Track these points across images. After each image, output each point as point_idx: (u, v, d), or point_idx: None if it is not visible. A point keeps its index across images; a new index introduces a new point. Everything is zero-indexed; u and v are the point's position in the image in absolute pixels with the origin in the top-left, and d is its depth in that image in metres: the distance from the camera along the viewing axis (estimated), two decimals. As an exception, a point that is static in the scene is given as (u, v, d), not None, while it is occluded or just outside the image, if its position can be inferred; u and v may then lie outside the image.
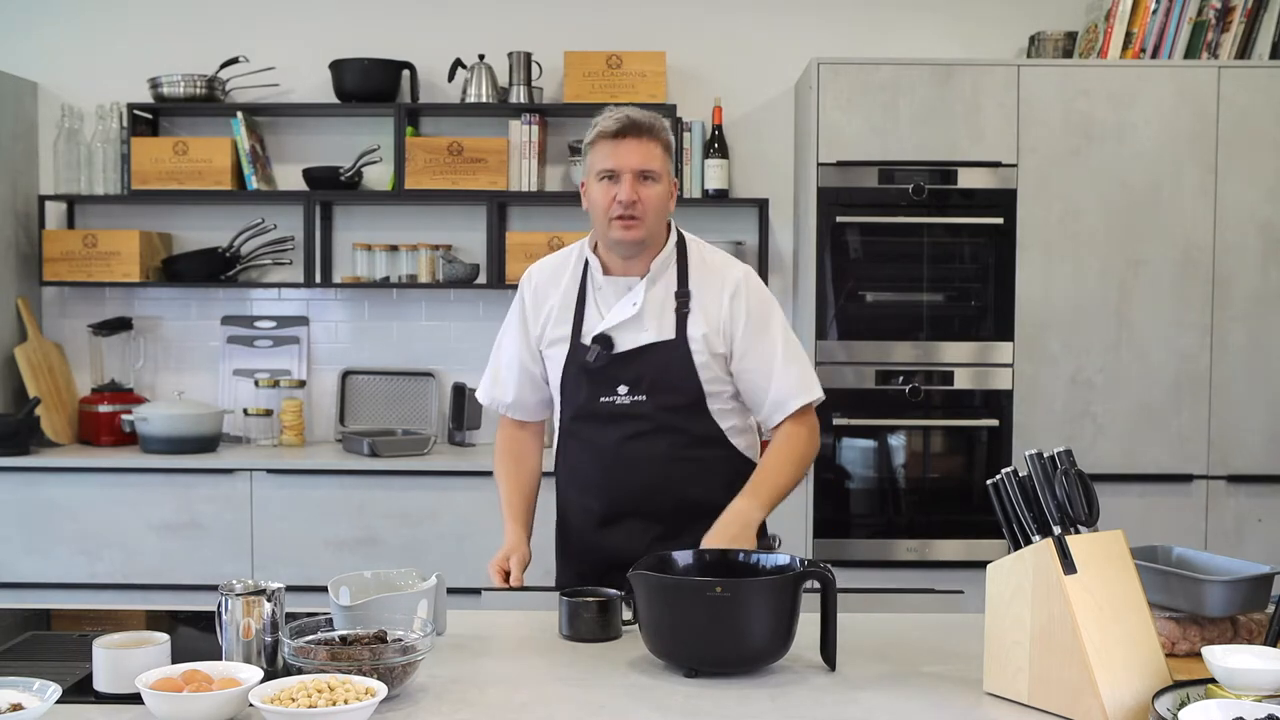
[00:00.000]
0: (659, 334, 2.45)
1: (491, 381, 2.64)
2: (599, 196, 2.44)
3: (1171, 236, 3.99)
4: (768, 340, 2.49)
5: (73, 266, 4.36)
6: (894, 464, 4.07)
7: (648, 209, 2.41)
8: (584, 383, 2.48)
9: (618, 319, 2.46)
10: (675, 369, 2.43)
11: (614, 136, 2.41)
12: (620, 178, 2.40)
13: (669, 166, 2.48)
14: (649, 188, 2.42)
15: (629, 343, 2.45)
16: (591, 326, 2.49)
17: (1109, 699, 1.60)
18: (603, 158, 2.43)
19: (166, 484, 4.05)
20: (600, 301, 2.50)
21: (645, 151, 2.41)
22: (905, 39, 4.50)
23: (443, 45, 4.49)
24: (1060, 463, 1.75)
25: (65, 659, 1.88)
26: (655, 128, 2.44)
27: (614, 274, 2.51)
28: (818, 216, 4.00)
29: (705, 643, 1.81)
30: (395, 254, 4.46)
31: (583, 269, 2.54)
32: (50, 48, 4.57)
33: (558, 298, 2.53)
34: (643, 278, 2.48)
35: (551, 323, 2.53)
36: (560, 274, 2.57)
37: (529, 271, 2.63)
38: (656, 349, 2.45)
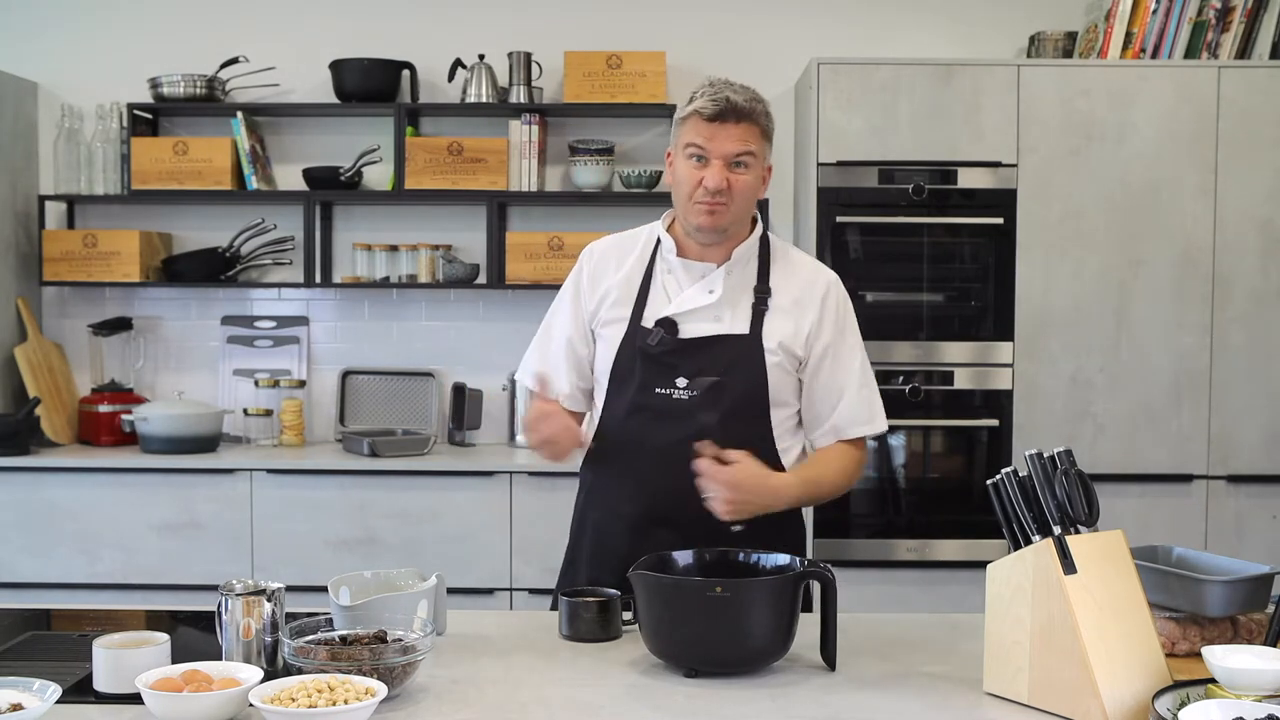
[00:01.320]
0: (732, 327, 2.28)
1: (539, 364, 2.41)
2: (685, 175, 2.26)
3: (1171, 236, 3.99)
4: (847, 355, 2.35)
5: (73, 266, 4.36)
6: (894, 464, 4.07)
7: (735, 196, 2.25)
8: (639, 370, 2.27)
9: (690, 304, 2.28)
10: (743, 366, 2.25)
11: (710, 119, 2.23)
12: (710, 162, 2.23)
13: (766, 151, 2.30)
14: (739, 175, 2.25)
15: (696, 331, 2.27)
16: (657, 309, 2.30)
17: (1109, 699, 1.60)
18: (693, 135, 2.24)
19: (166, 484, 4.05)
20: (669, 285, 2.33)
21: (741, 137, 2.24)
22: (905, 39, 4.50)
23: (443, 45, 4.49)
24: (1060, 463, 1.75)
25: (65, 659, 1.88)
26: (755, 112, 2.27)
27: (689, 257, 2.33)
28: (818, 216, 4.00)
29: (705, 643, 1.81)
30: (395, 254, 4.46)
31: (653, 248, 2.37)
32: (50, 48, 4.57)
33: (621, 275, 2.35)
34: (720, 265, 2.31)
35: (610, 301, 2.34)
36: (627, 251, 2.39)
37: (590, 246, 2.45)
38: (726, 341, 2.27)
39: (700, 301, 2.28)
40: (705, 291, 2.29)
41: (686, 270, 2.32)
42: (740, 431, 2.22)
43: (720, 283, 2.29)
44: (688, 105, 2.27)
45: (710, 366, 2.24)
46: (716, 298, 2.29)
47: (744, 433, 2.23)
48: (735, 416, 2.24)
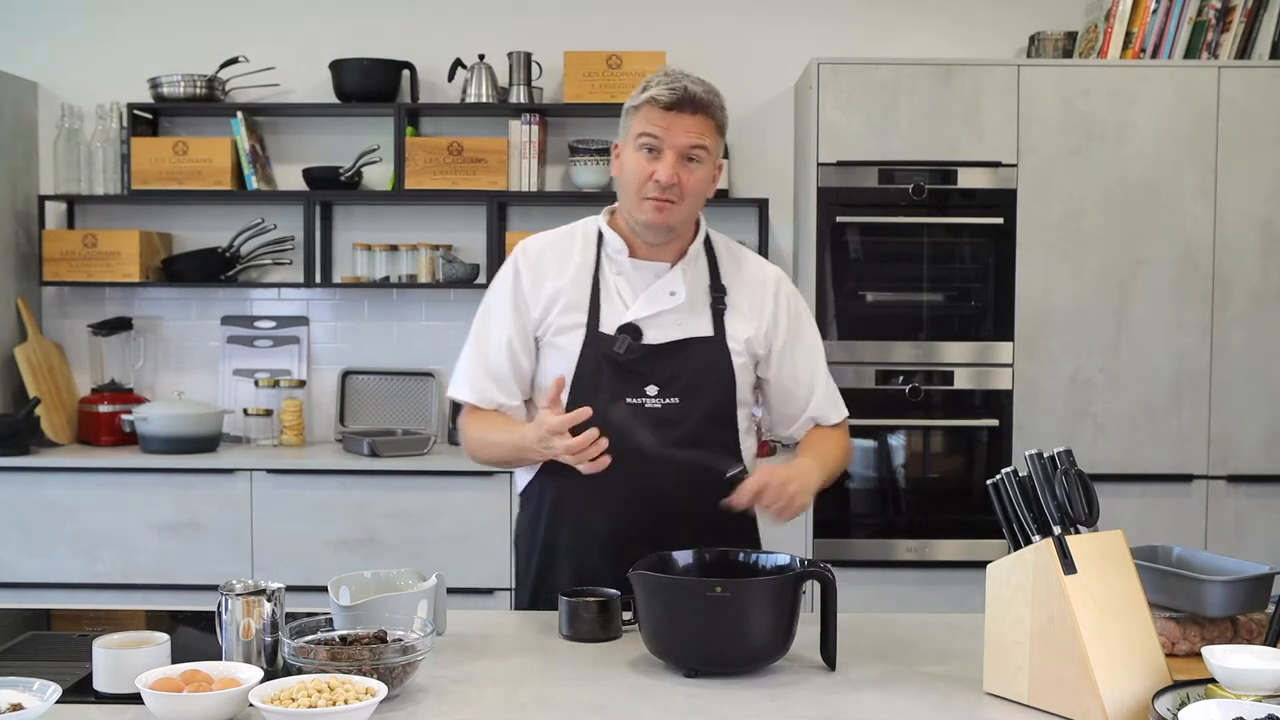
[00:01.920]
0: (695, 329, 2.21)
1: (487, 379, 2.25)
2: (634, 167, 2.16)
3: (1171, 236, 3.99)
4: (812, 347, 2.32)
5: (73, 266, 4.36)
6: (894, 464, 4.07)
7: (686, 193, 2.15)
8: (606, 380, 2.16)
9: (654, 307, 2.19)
10: (714, 369, 2.19)
11: (666, 108, 2.12)
12: (663, 154, 2.13)
13: (718, 147, 2.20)
14: (692, 170, 2.15)
15: (661, 336, 2.18)
16: (615, 314, 2.20)
17: (1109, 699, 1.60)
18: (647, 124, 2.14)
19: (166, 484, 4.04)
20: (622, 287, 2.22)
21: (697, 129, 2.14)
22: (905, 39, 4.50)
23: (443, 45, 4.49)
24: (1060, 463, 1.75)
25: (65, 659, 1.88)
26: (713, 105, 2.16)
27: (639, 257, 2.23)
28: (818, 216, 4.00)
29: (705, 643, 1.81)
30: (395, 254, 4.46)
31: (595, 247, 2.26)
32: (50, 48, 4.57)
33: (566, 278, 2.23)
34: (673, 265, 2.23)
35: (560, 306, 2.21)
36: (566, 252, 2.27)
37: (523, 246, 2.31)
38: (692, 345, 2.20)
39: (664, 305, 2.20)
40: (666, 293, 2.21)
41: (639, 271, 2.23)
42: (712, 435, 2.19)
43: (680, 283, 2.22)
44: (642, 93, 2.17)
45: (681, 371, 2.18)
46: (679, 300, 2.21)
47: (715, 436, 2.20)
48: (707, 421, 2.20)
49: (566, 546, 2.24)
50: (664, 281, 2.22)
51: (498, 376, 2.25)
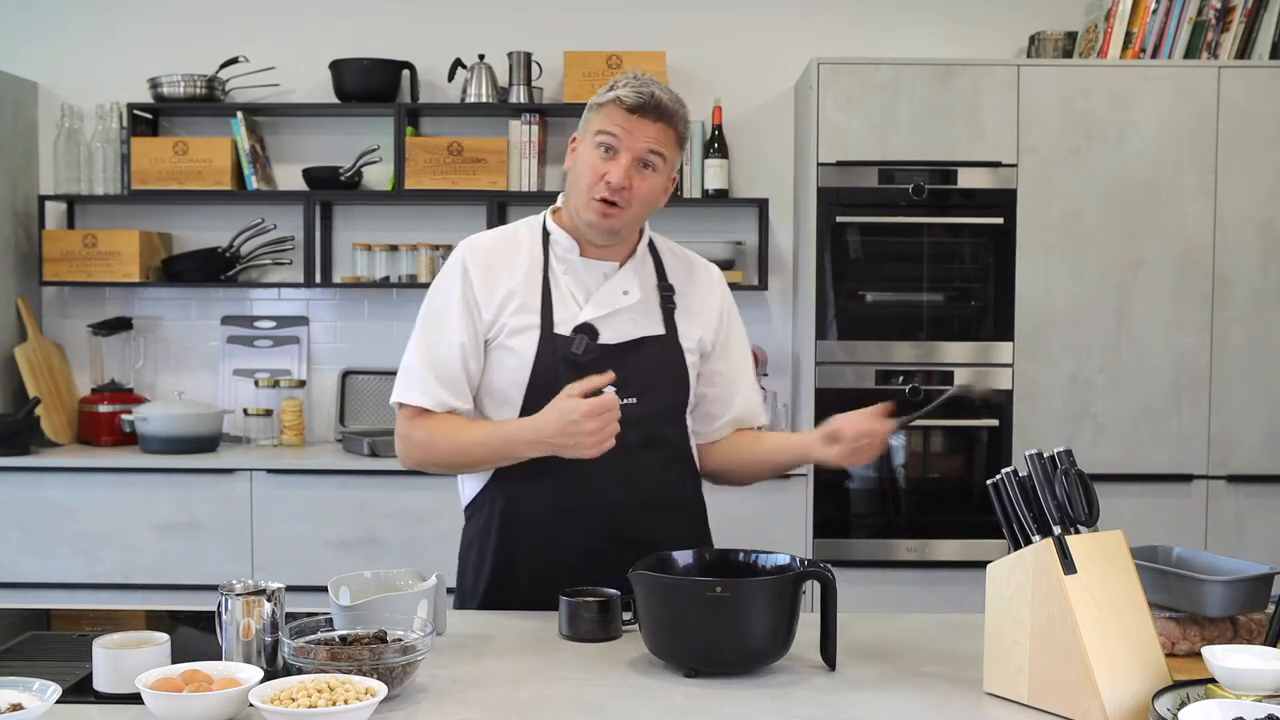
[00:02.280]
0: (648, 328, 2.20)
1: (438, 383, 2.18)
2: (588, 165, 2.12)
3: (1171, 236, 3.99)
4: (740, 347, 2.33)
5: (73, 266, 4.36)
6: (894, 464, 4.07)
7: (635, 200, 2.12)
8: (564, 381, 2.07)
9: (609, 306, 2.17)
10: (669, 368, 2.19)
11: (629, 110, 2.09)
12: (619, 155, 2.10)
13: (676, 159, 2.17)
14: (645, 177, 2.12)
15: (617, 335, 2.16)
16: (568, 314, 2.16)
17: (1109, 699, 1.60)
18: (607, 123, 2.10)
19: (166, 484, 4.04)
20: (574, 287, 2.19)
21: (656, 136, 2.10)
22: (905, 39, 4.50)
23: (443, 45, 4.49)
24: (1060, 463, 1.75)
25: (65, 659, 1.87)
26: (676, 114, 2.13)
27: (589, 257, 2.20)
28: (818, 216, 4.00)
29: (705, 643, 1.81)
30: (395, 254, 4.46)
31: (542, 245, 2.21)
32: (50, 48, 4.57)
33: (517, 279, 2.17)
34: (622, 264, 2.21)
35: (513, 308, 2.16)
36: (513, 251, 2.21)
37: (469, 246, 2.23)
38: (648, 344, 2.19)
39: (618, 304, 2.17)
40: (620, 292, 2.18)
41: (589, 270, 2.19)
42: (669, 434, 2.21)
43: (634, 282, 2.20)
44: (608, 92, 2.13)
45: (637, 370, 2.14)
46: (634, 299, 2.19)
47: (672, 435, 2.22)
48: (663, 419, 2.20)
49: (527, 556, 2.20)
50: (616, 281, 2.20)
51: (450, 380, 2.18)
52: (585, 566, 2.12)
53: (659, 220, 2.47)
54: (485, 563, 2.24)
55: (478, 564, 2.26)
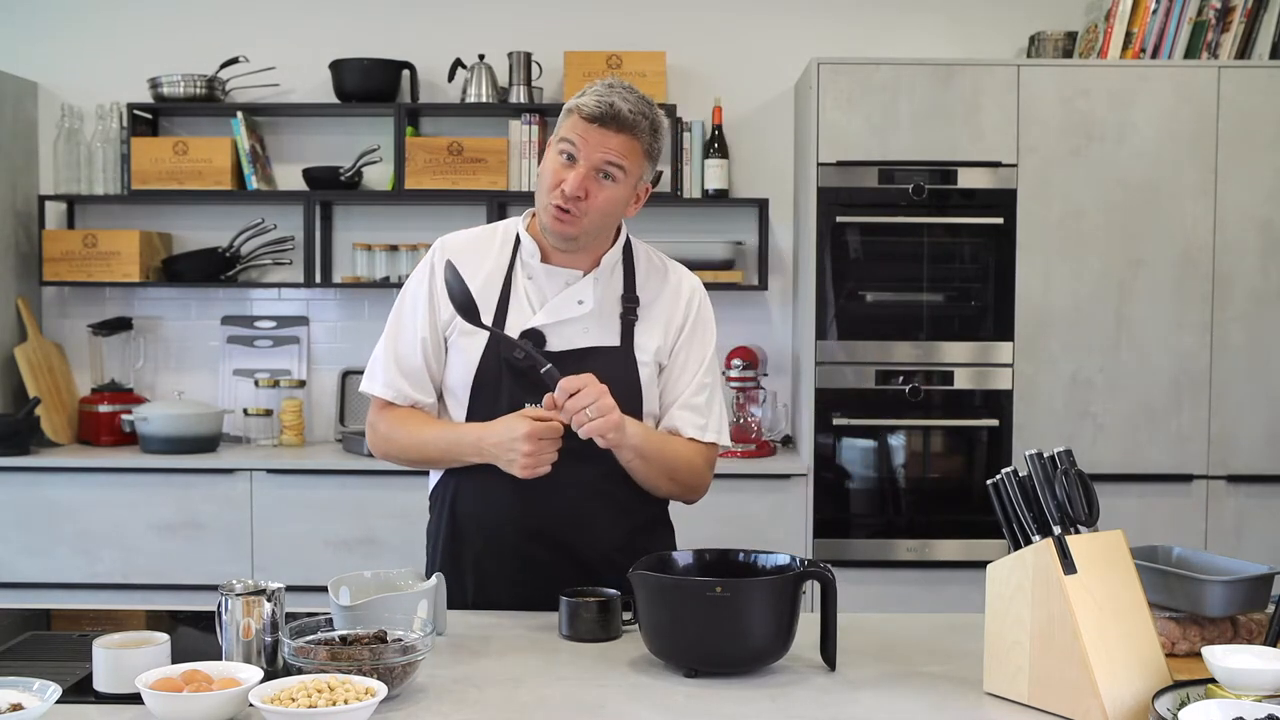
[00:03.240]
0: (601, 339, 2.17)
1: (400, 375, 2.20)
2: (549, 170, 2.12)
3: (1171, 236, 3.99)
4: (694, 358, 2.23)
5: (73, 266, 4.36)
6: (894, 464, 4.07)
7: (591, 209, 2.10)
8: (505, 385, 2.12)
9: (559, 315, 2.15)
10: (618, 380, 2.10)
11: (588, 119, 2.09)
12: (577, 164, 2.09)
13: (643, 170, 2.15)
14: (603, 188, 2.10)
15: (565, 343, 2.14)
16: (521, 319, 2.16)
17: (1109, 699, 1.60)
18: (569, 131, 2.11)
19: (166, 484, 4.05)
20: (532, 292, 2.18)
21: (614, 147, 2.08)
22: (905, 39, 4.50)
23: (443, 45, 4.49)
24: (1060, 463, 1.75)
25: (65, 659, 1.88)
26: (638, 125, 2.10)
27: (553, 263, 2.18)
28: (818, 216, 4.00)
29: (705, 643, 1.81)
30: (395, 254, 4.46)
31: (511, 249, 2.21)
32: (50, 48, 4.57)
33: (479, 280, 2.16)
34: (587, 273, 2.19)
35: None
36: (483, 251, 2.21)
37: (443, 243, 2.24)
38: (597, 354, 2.15)
39: (569, 313, 2.15)
40: (574, 301, 2.16)
41: (550, 277, 2.18)
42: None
43: (590, 292, 2.17)
44: (577, 98, 2.13)
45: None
46: (587, 309, 2.16)
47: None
48: None
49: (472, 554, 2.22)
50: (573, 289, 2.18)
51: (412, 373, 2.21)
52: (520, 570, 2.17)
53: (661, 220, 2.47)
54: (436, 556, 2.28)
55: (431, 556, 2.31)
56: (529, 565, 2.17)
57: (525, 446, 2.02)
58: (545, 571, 2.14)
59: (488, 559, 2.21)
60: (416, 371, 2.21)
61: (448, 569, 2.22)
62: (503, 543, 2.19)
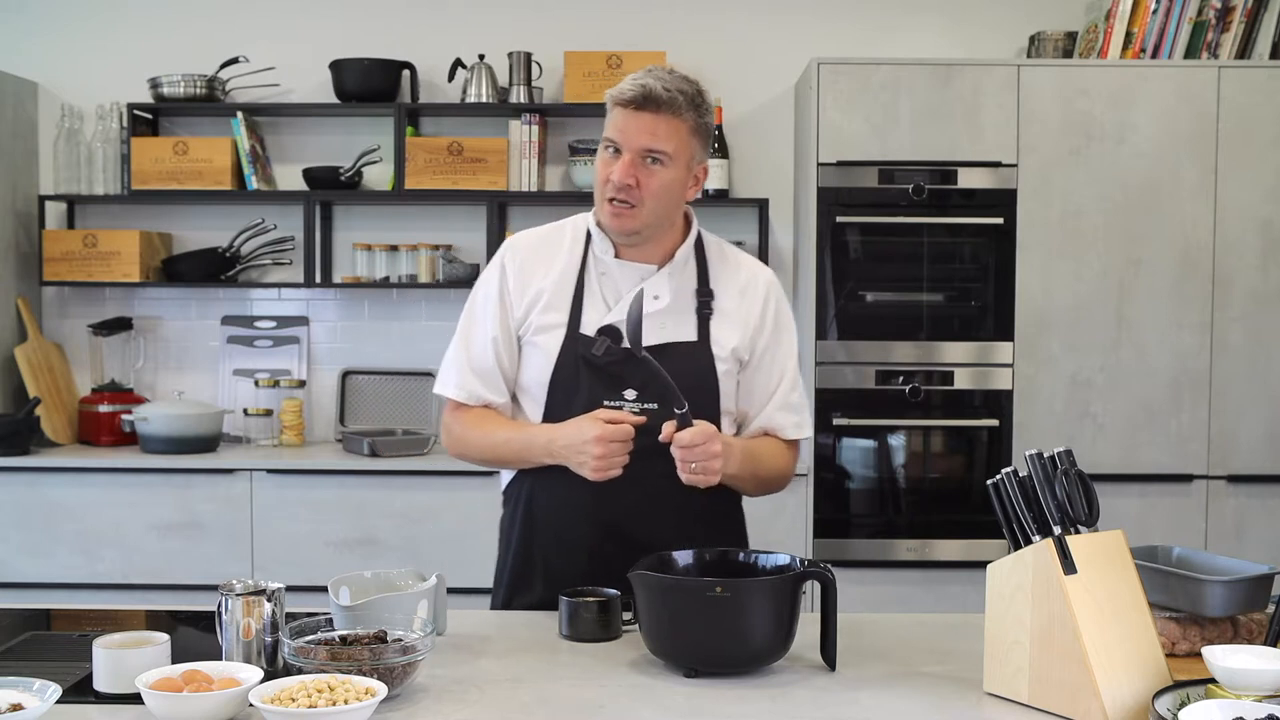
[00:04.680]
0: (678, 334, 2.15)
1: (473, 375, 2.21)
2: (599, 169, 2.13)
3: (1171, 236, 3.99)
4: (782, 356, 2.23)
5: (73, 266, 4.36)
6: (894, 464, 4.07)
7: (645, 196, 2.08)
8: (584, 382, 2.12)
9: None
10: (695, 375, 2.12)
11: (626, 105, 2.07)
12: (622, 155, 2.08)
13: (693, 150, 2.12)
14: (653, 173, 2.08)
15: (643, 339, 2.09)
16: (596, 316, 2.15)
17: (1109, 699, 1.60)
18: (610, 124, 2.10)
19: (166, 484, 4.04)
20: (606, 288, 2.17)
21: (658, 129, 2.06)
22: (905, 39, 4.50)
23: (443, 45, 4.49)
24: (1060, 463, 1.75)
25: (65, 659, 1.88)
26: (678, 103, 2.06)
27: (626, 258, 2.18)
28: (818, 216, 4.00)
29: (705, 643, 1.81)
30: (395, 254, 4.46)
31: (583, 245, 2.21)
32: (50, 48, 4.57)
33: (551, 278, 2.18)
34: (660, 266, 2.17)
35: (541, 306, 2.17)
36: (553, 250, 2.21)
37: (512, 243, 2.25)
38: (676, 350, 2.13)
39: (648, 308, 2.11)
40: (650, 297, 2.14)
41: (623, 272, 2.17)
42: None
43: (665, 286, 2.16)
44: (613, 90, 2.11)
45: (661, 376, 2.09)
46: (663, 304, 2.15)
47: None
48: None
49: (542, 550, 2.22)
50: (648, 284, 2.16)
51: (484, 373, 2.21)
52: (592, 567, 2.13)
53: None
54: (510, 553, 2.27)
55: (504, 553, 2.30)
56: (599, 561, 2.11)
57: (596, 449, 2.03)
58: (616, 567, 2.03)
59: (558, 556, 2.19)
60: (489, 372, 2.21)
61: (519, 565, 2.22)
62: (574, 539, 2.17)
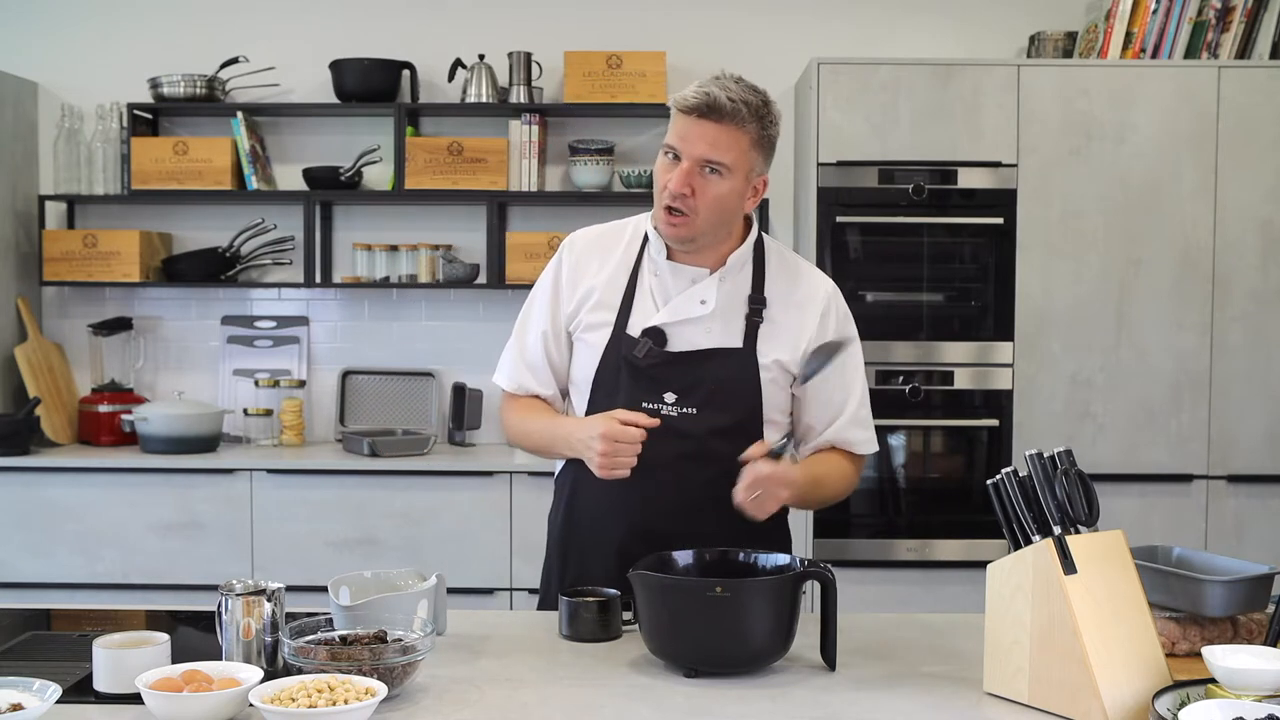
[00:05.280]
0: (724, 340, 2.13)
1: (524, 367, 2.25)
2: (658, 174, 2.11)
3: (1171, 236, 3.99)
4: (851, 368, 2.21)
5: (73, 266, 4.36)
6: (894, 464, 4.07)
7: (700, 206, 2.06)
8: (624, 382, 2.12)
9: (681, 314, 2.13)
10: (736, 383, 2.11)
11: (688, 112, 2.05)
12: (681, 162, 2.07)
13: (753, 162, 2.09)
14: (710, 182, 2.06)
15: (686, 343, 2.12)
16: (644, 316, 2.15)
17: (1109, 699, 1.60)
18: (671, 130, 2.09)
19: (166, 484, 4.04)
20: (657, 289, 2.16)
21: (718, 139, 2.04)
22: (905, 39, 4.50)
23: (443, 45, 4.49)
24: (1060, 463, 1.75)
25: (65, 659, 1.88)
26: (741, 114, 2.04)
27: (679, 261, 2.16)
28: (818, 216, 4.00)
29: (705, 643, 1.81)
30: (395, 254, 4.46)
31: (640, 245, 2.20)
32: (50, 48, 4.57)
33: (604, 275, 2.18)
34: (713, 271, 2.15)
35: (591, 303, 2.18)
36: (610, 247, 2.21)
37: (572, 238, 2.27)
38: (718, 356, 2.12)
39: (691, 313, 2.13)
40: (697, 301, 2.13)
41: (675, 275, 2.16)
42: (730, 449, 2.07)
43: (713, 292, 2.14)
44: (677, 94, 2.11)
45: (702, 381, 2.11)
46: (709, 310, 2.13)
47: (734, 450, 2.06)
48: (726, 434, 2.10)
49: (578, 546, 2.23)
50: (697, 289, 2.14)
51: (534, 366, 2.25)
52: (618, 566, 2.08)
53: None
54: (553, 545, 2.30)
55: (549, 545, 2.32)
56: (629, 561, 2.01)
57: (600, 446, 2.03)
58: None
59: (592, 552, 2.20)
60: (538, 365, 2.24)
61: (556, 558, 2.27)
62: (609, 538, 2.17)
